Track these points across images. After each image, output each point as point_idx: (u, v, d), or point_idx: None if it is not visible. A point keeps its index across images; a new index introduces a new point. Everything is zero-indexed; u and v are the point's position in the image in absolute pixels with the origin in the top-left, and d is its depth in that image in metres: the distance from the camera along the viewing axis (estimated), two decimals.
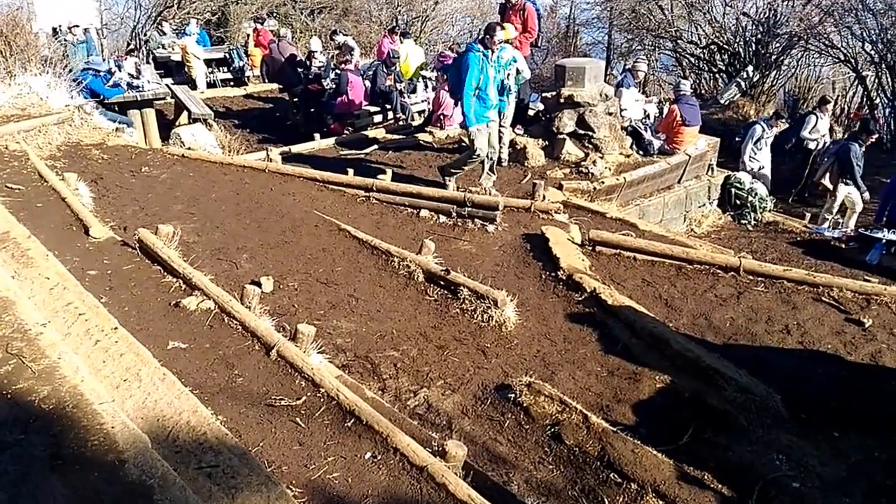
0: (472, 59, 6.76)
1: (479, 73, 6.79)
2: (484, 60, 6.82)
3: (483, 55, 6.81)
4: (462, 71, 6.82)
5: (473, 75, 6.75)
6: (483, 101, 6.97)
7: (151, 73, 12.00)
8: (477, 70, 6.76)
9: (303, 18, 24.23)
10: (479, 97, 6.92)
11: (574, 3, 26.93)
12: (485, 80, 6.86)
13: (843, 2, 15.10)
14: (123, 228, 5.19)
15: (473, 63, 6.75)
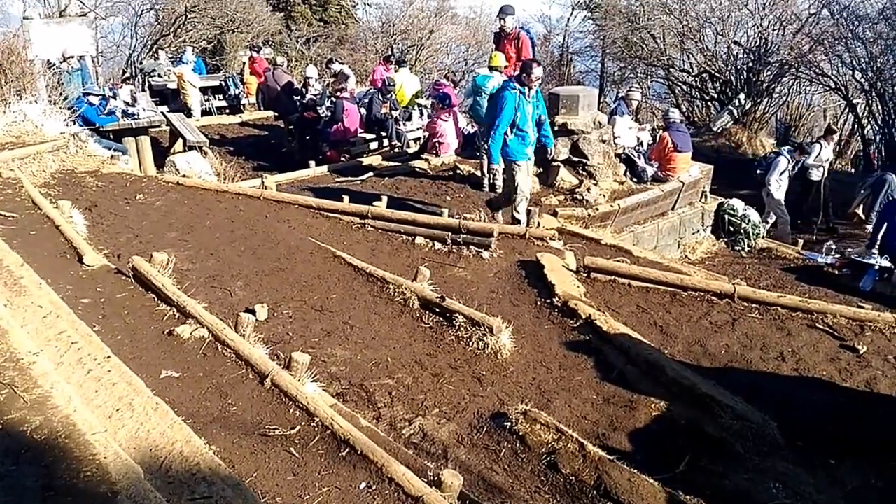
0: (508, 97, 6.70)
1: (516, 111, 6.73)
2: (521, 98, 6.74)
3: (520, 92, 6.73)
4: (499, 108, 6.76)
5: (510, 113, 6.69)
6: (522, 138, 6.89)
7: (147, 100, 12.07)
8: (513, 108, 6.70)
9: (298, 47, 24.49)
10: (517, 135, 6.86)
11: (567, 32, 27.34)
12: (522, 118, 6.79)
13: (833, 31, 15.35)
14: (117, 256, 5.18)
15: (510, 101, 6.69)
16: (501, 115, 6.71)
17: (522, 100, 6.75)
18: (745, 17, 17.61)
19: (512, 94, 6.70)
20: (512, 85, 6.80)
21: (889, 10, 14.59)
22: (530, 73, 6.71)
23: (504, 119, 6.71)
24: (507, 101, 6.69)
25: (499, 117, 6.74)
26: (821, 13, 16.24)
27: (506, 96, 6.73)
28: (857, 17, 15.10)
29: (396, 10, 23.90)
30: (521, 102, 6.74)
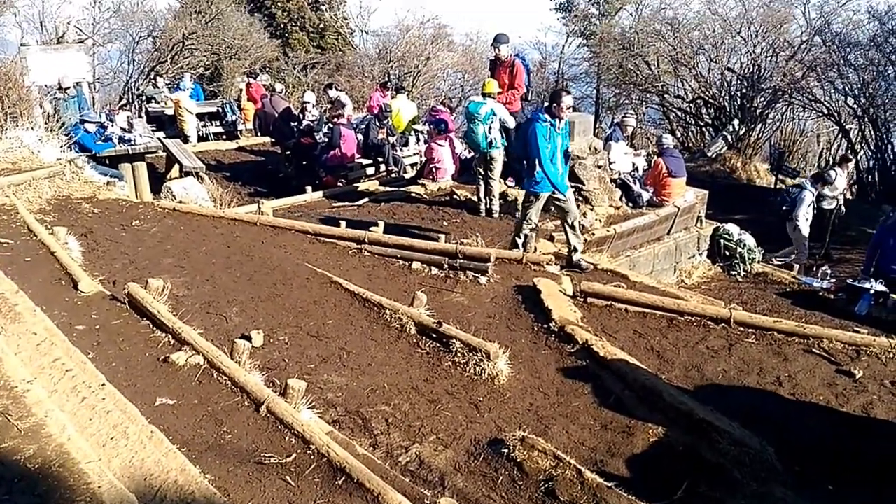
0: (539, 129, 6.57)
1: (546, 143, 6.60)
2: (551, 129, 6.61)
3: (550, 124, 6.60)
4: (531, 142, 6.63)
5: (544, 145, 6.57)
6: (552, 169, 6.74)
7: (143, 126, 12.14)
8: (544, 139, 6.58)
9: (296, 73, 24.71)
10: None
11: (563, 58, 27.63)
12: (552, 149, 6.65)
13: (825, 57, 15.56)
14: (112, 282, 5.17)
15: (541, 133, 6.57)
16: (537, 149, 6.56)
17: (552, 131, 6.62)
18: (738, 45, 17.87)
19: (542, 126, 6.57)
20: (542, 117, 6.61)
21: (880, 38, 14.81)
22: (560, 103, 6.56)
23: (542, 151, 6.56)
24: (538, 132, 6.56)
25: (534, 151, 6.59)
26: (813, 40, 16.49)
27: (536, 128, 6.59)
28: (849, 45, 15.33)
29: (393, 38, 24.17)
30: (551, 134, 6.61)
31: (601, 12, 27.16)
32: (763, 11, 17.59)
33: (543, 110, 6.74)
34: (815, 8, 16.85)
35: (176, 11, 23.81)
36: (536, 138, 6.58)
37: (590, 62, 25.15)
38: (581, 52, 27.11)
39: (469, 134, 8.57)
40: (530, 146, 6.66)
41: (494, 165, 8.60)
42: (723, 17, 18.31)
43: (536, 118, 6.68)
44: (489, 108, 8.32)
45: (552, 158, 6.66)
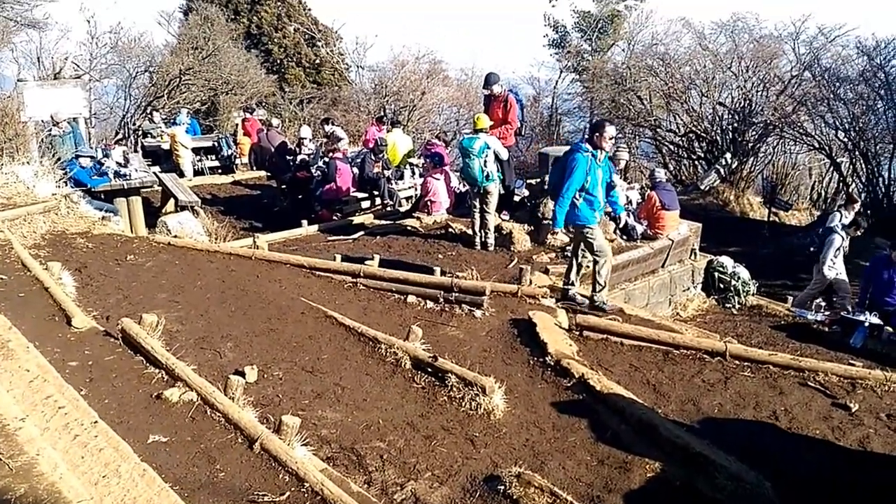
0: (580, 161, 6.34)
1: (586, 175, 6.37)
2: (592, 161, 6.38)
3: (592, 155, 6.38)
4: (568, 171, 6.41)
5: (581, 177, 6.35)
6: (591, 203, 6.52)
7: (139, 161, 12.18)
8: (584, 171, 6.35)
9: (292, 108, 24.91)
10: (586, 199, 6.48)
11: (556, 93, 27.94)
12: (592, 182, 6.43)
13: (815, 92, 15.77)
14: (106, 318, 5.15)
15: (581, 164, 6.33)
16: (571, 179, 6.35)
17: (594, 163, 6.39)
18: (729, 79, 18.10)
19: (584, 158, 6.35)
20: (584, 147, 6.40)
21: (868, 72, 15.03)
22: (603, 133, 6.37)
23: (574, 183, 6.35)
24: (579, 164, 6.34)
25: (568, 181, 6.37)
26: (803, 75, 16.73)
27: (577, 159, 6.36)
28: (839, 79, 15.55)
29: (389, 73, 24.40)
30: (592, 166, 6.38)
31: (593, 48, 27.55)
32: (753, 47, 17.87)
33: (584, 140, 6.58)
34: (805, 43, 17.12)
35: (173, 47, 24.07)
36: (574, 168, 6.36)
37: (583, 97, 25.44)
38: (574, 87, 27.44)
39: (465, 169, 8.63)
40: (566, 176, 6.44)
41: (490, 199, 8.64)
42: (713, 52, 18.60)
43: (577, 148, 6.46)
44: (482, 142, 8.40)
45: (591, 190, 6.46)
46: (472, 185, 8.69)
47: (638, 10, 26.75)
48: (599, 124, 6.55)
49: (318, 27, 30.18)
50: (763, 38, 18.04)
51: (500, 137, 8.95)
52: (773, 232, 14.14)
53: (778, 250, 12.52)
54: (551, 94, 28.09)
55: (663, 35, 22.36)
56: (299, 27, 29.42)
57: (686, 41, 20.65)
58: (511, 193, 9.88)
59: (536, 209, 9.18)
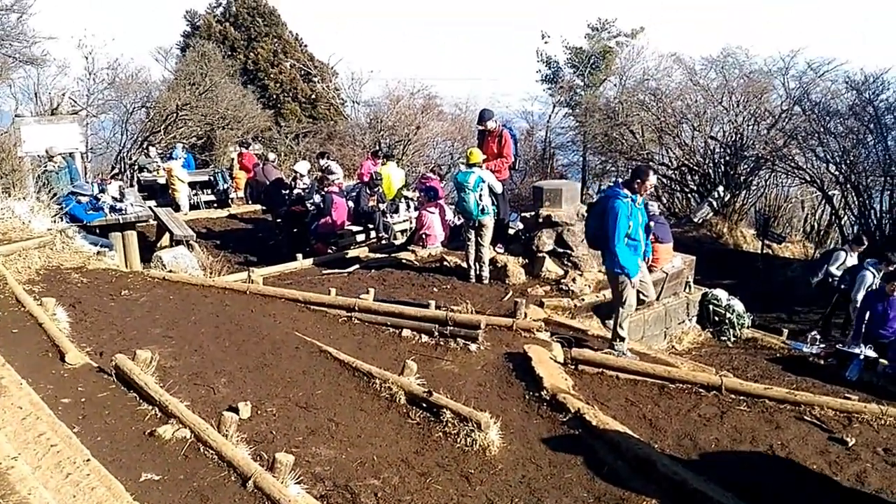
0: (620, 207, 6.25)
1: (628, 220, 6.31)
2: (632, 206, 6.33)
3: (631, 200, 6.33)
4: (611, 220, 6.29)
5: (624, 223, 6.28)
6: (634, 248, 6.46)
7: (135, 195, 12.23)
8: (626, 217, 6.28)
9: (287, 142, 25.08)
10: (629, 245, 6.42)
11: (549, 127, 28.23)
12: (634, 227, 6.38)
13: (806, 126, 15.95)
14: (100, 354, 5.12)
15: (623, 210, 6.26)
16: (617, 227, 6.25)
17: (634, 208, 6.35)
18: (720, 114, 18.32)
19: (624, 204, 6.27)
20: (623, 193, 6.31)
21: (858, 107, 15.23)
22: (644, 181, 6.33)
23: (620, 230, 6.26)
24: (620, 210, 6.24)
25: (614, 229, 6.26)
26: (793, 109, 16.93)
27: (618, 206, 6.26)
28: (828, 113, 15.73)
29: (384, 107, 24.67)
30: (633, 211, 6.34)
31: (586, 83, 27.95)
32: (743, 82, 18.12)
33: (621, 185, 6.46)
34: (794, 78, 17.35)
35: (170, 83, 24.31)
36: (616, 216, 6.25)
37: (576, 131, 25.72)
38: (567, 122, 27.76)
39: (460, 203, 8.68)
40: (610, 224, 6.31)
41: (485, 232, 8.69)
42: (704, 87, 18.85)
43: (616, 195, 6.34)
44: (477, 176, 8.47)
45: (634, 236, 6.40)
46: (467, 218, 8.74)
47: (629, 46, 27.24)
48: (643, 171, 6.45)
49: (313, 63, 30.58)
50: (753, 73, 18.30)
51: (494, 171, 9.03)
52: (767, 264, 14.20)
53: (772, 283, 12.56)
54: (545, 128, 28.41)
55: (654, 70, 22.79)
56: (295, 63, 29.80)
57: (677, 76, 21.00)
58: (506, 226, 9.93)
59: (531, 242, 9.22)
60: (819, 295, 10.73)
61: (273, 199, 13.39)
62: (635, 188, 6.34)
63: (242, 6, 30.84)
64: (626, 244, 6.38)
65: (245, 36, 30.34)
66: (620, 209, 6.24)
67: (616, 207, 6.26)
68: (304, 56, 30.99)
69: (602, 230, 6.44)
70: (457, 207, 9.19)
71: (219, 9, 31.65)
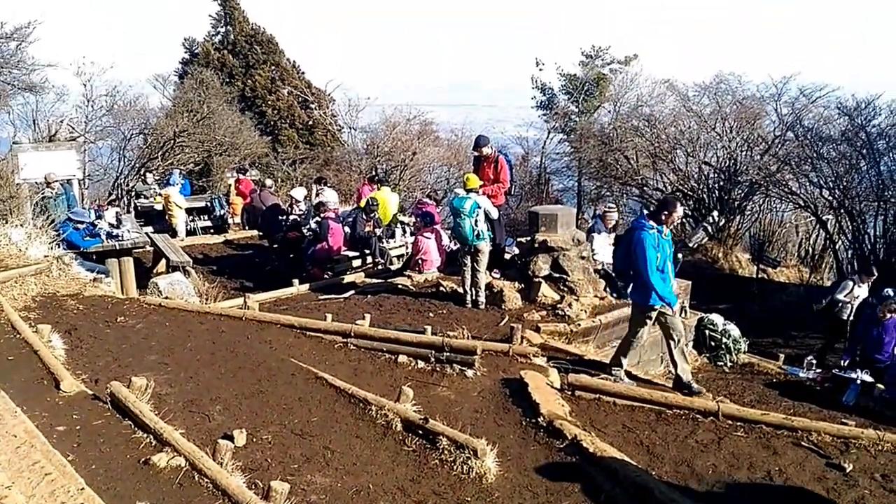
0: (647, 238, 6.20)
1: (655, 251, 6.23)
2: (659, 238, 6.26)
3: (658, 231, 6.27)
4: (639, 252, 6.24)
5: (653, 255, 6.20)
6: (663, 280, 6.35)
7: (132, 222, 12.26)
8: (654, 248, 6.21)
9: (284, 168, 25.19)
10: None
11: (544, 153, 28.42)
12: (663, 258, 6.29)
13: (799, 151, 16.10)
14: (95, 381, 5.10)
15: (650, 241, 6.20)
16: (647, 259, 6.19)
17: (661, 239, 6.27)
18: (713, 140, 18.51)
19: (650, 235, 6.22)
20: (648, 225, 6.28)
21: (850, 132, 15.38)
22: (672, 213, 6.30)
23: (650, 261, 6.19)
24: (647, 242, 6.19)
25: (644, 262, 6.20)
26: (786, 135, 17.11)
27: (644, 237, 6.21)
28: (821, 139, 15.89)
29: (381, 133, 24.83)
30: (660, 242, 6.27)
31: (580, 110, 28.21)
32: (736, 108, 18.33)
33: (647, 217, 6.42)
34: (787, 104, 17.55)
35: (168, 110, 24.48)
36: (644, 247, 6.19)
37: (571, 156, 25.92)
38: (562, 147, 27.98)
39: (456, 228, 8.71)
40: (637, 256, 6.27)
41: (481, 257, 8.71)
42: (697, 113, 19.06)
43: (642, 226, 6.30)
44: (473, 201, 8.52)
45: (662, 268, 6.30)
46: (463, 243, 8.76)
47: (623, 73, 27.55)
48: (670, 203, 6.42)
49: (311, 90, 30.84)
50: (746, 99, 18.52)
51: (491, 196, 9.08)
52: (762, 289, 14.23)
53: (767, 307, 12.60)
54: (540, 154, 28.59)
55: (648, 97, 23.04)
56: (293, 90, 30.06)
57: (670, 103, 21.22)
58: (502, 252, 9.96)
59: (527, 267, 9.24)
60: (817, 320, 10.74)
61: (270, 225, 13.42)
62: (662, 219, 6.29)
63: (241, 34, 31.18)
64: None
65: (243, 63, 30.62)
66: (647, 240, 6.18)
67: (643, 239, 6.20)
68: (302, 83, 31.26)
69: (630, 263, 6.38)
70: (453, 233, 9.22)
71: (217, 36, 31.99)
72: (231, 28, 31.41)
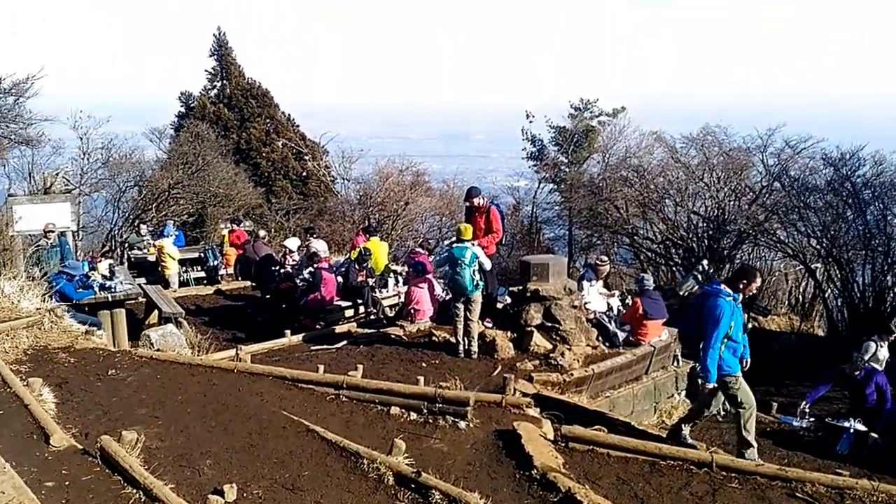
0: (724, 307, 6.07)
1: (731, 320, 6.11)
2: (734, 306, 6.16)
3: (733, 299, 6.16)
4: (712, 319, 6.09)
5: (726, 325, 6.08)
6: (734, 350, 6.27)
7: (125, 273, 12.27)
8: (729, 317, 6.09)
9: (278, 219, 25.34)
10: (729, 346, 6.20)
11: (535, 202, 28.75)
12: (736, 328, 6.18)
13: (786, 201, 16.35)
14: (85, 435, 5.05)
15: (726, 310, 6.08)
16: (718, 328, 6.04)
17: (736, 308, 6.17)
18: (701, 190, 18.79)
19: (727, 303, 6.09)
20: (725, 292, 6.14)
21: (836, 182, 15.65)
22: (751, 283, 6.21)
23: (721, 331, 6.06)
24: (723, 310, 6.06)
25: (715, 329, 6.05)
26: (773, 185, 17.39)
27: (721, 305, 6.08)
28: (807, 189, 16.17)
29: (373, 184, 25.12)
30: (735, 312, 6.16)
31: (570, 160, 28.69)
32: (723, 159, 18.68)
33: (721, 283, 6.32)
34: (773, 155, 17.89)
35: (163, 162, 24.74)
36: (722, 317, 6.06)
37: (561, 206, 26.24)
38: (553, 197, 28.35)
39: (455, 278, 8.71)
40: (708, 323, 6.12)
41: (474, 307, 8.76)
42: (685, 164, 19.40)
43: (717, 293, 6.19)
44: (472, 251, 8.62)
45: (735, 336, 6.20)
46: (460, 293, 8.78)
47: (611, 125, 28.10)
48: (750, 273, 6.35)
49: (305, 142, 31.30)
50: (732, 150, 18.88)
51: (483, 247, 9.17)
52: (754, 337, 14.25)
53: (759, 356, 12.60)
54: (531, 203, 28.92)
55: (636, 148, 23.51)
56: (287, 142, 30.48)
57: (658, 154, 21.63)
58: (494, 301, 10.00)
59: (519, 316, 9.28)
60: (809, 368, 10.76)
61: (263, 276, 13.45)
62: (739, 288, 6.18)
63: (237, 88, 31.76)
64: (726, 345, 6.17)
65: (238, 116, 31.11)
66: (724, 309, 6.07)
67: (719, 307, 6.08)
68: (296, 135, 31.74)
69: (699, 328, 6.26)
70: (448, 282, 9.25)
71: (213, 90, 32.56)
72: (227, 82, 32.01)
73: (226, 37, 32.41)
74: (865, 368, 8.28)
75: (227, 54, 32.19)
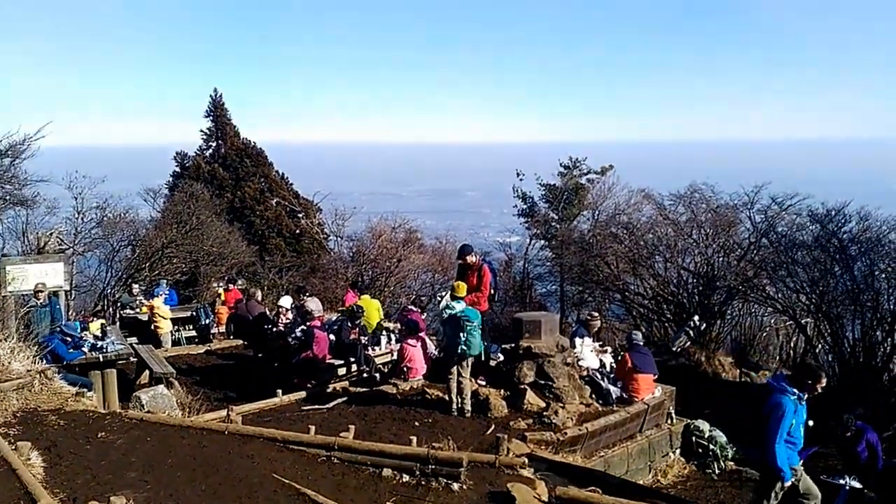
0: (787, 405, 6.05)
1: (792, 418, 6.09)
2: (798, 404, 6.13)
3: (798, 397, 6.12)
4: (774, 417, 6.07)
5: (788, 422, 6.06)
6: (792, 445, 6.23)
7: (117, 333, 12.24)
8: (791, 415, 6.07)
9: (271, 276, 25.37)
10: (786, 442, 6.15)
11: (527, 258, 28.96)
12: (796, 425, 6.16)
13: (774, 257, 16.51)
14: (73, 500, 4.99)
15: (789, 409, 6.05)
16: (781, 426, 6.03)
17: (799, 406, 6.15)
18: (690, 246, 18.98)
19: (791, 402, 6.07)
20: (791, 390, 6.11)
21: (823, 238, 15.82)
22: (816, 384, 6.14)
23: (783, 429, 6.04)
24: (787, 409, 6.03)
25: (776, 427, 6.04)
26: (760, 241, 17.58)
27: (785, 403, 6.06)
28: (795, 245, 16.33)
29: (366, 241, 25.29)
30: (798, 409, 6.14)
31: (560, 217, 29.07)
32: (711, 216, 18.92)
33: (786, 380, 6.28)
34: (760, 212, 18.11)
35: (157, 222, 24.86)
36: (784, 416, 6.05)
37: (553, 262, 26.43)
38: (544, 253, 28.58)
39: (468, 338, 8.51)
40: (771, 420, 6.10)
41: (466, 365, 8.76)
42: (674, 221, 19.64)
43: (783, 389, 6.15)
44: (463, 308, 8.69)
45: (794, 433, 6.18)
46: (457, 353, 8.70)
47: (599, 182, 28.59)
48: (816, 374, 6.25)
49: (298, 200, 31.62)
50: (720, 207, 19.15)
51: (474, 304, 9.22)
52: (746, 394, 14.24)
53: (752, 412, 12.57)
54: (523, 259, 29.13)
55: (625, 205, 23.88)
56: (280, 201, 30.77)
57: (647, 211, 21.94)
58: (487, 359, 10.01)
59: (512, 374, 9.28)
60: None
61: (256, 335, 13.41)
62: (804, 387, 6.15)
63: (231, 148, 32.26)
64: (785, 441, 6.12)
65: (233, 176, 31.49)
66: (787, 407, 6.05)
67: (783, 404, 6.07)
68: (290, 194, 32.07)
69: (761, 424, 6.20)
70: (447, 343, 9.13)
71: (208, 151, 33.03)
72: (222, 143, 32.51)
73: (222, 98, 33.11)
74: (856, 425, 8.29)
75: (222, 115, 32.80)
